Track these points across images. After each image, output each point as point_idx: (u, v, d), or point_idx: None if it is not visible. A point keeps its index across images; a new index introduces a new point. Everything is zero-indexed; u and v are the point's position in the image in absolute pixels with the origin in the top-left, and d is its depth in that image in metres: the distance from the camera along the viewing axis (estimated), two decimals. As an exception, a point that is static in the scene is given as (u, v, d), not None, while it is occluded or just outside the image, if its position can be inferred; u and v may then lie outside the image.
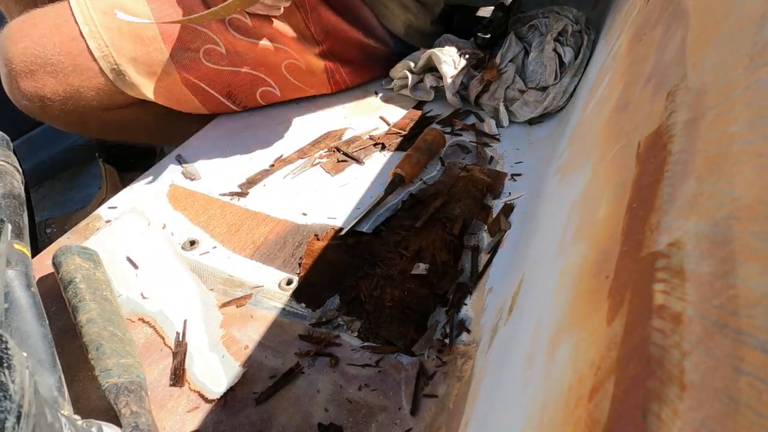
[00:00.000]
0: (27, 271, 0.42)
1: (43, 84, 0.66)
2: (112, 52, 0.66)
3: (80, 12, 0.66)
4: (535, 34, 0.79)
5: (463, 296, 0.52)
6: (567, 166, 0.47)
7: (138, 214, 0.62)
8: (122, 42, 0.66)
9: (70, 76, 0.67)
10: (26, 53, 0.65)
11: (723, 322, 0.13)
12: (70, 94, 0.68)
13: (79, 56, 0.66)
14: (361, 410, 0.43)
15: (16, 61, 0.65)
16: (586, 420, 0.18)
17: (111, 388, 0.38)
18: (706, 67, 0.23)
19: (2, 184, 0.47)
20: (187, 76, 0.71)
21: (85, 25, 0.65)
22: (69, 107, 0.69)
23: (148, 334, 0.48)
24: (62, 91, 0.67)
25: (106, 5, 0.66)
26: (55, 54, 0.65)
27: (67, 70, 0.66)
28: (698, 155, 0.19)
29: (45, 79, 0.66)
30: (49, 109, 0.68)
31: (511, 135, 0.75)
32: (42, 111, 0.69)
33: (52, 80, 0.66)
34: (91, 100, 0.69)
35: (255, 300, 0.52)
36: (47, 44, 0.65)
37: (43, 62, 0.65)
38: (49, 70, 0.66)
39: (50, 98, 0.67)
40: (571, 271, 0.28)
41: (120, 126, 0.76)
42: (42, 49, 0.65)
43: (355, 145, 0.74)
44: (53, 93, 0.67)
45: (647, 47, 0.36)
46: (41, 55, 0.65)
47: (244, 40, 0.71)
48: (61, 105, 0.68)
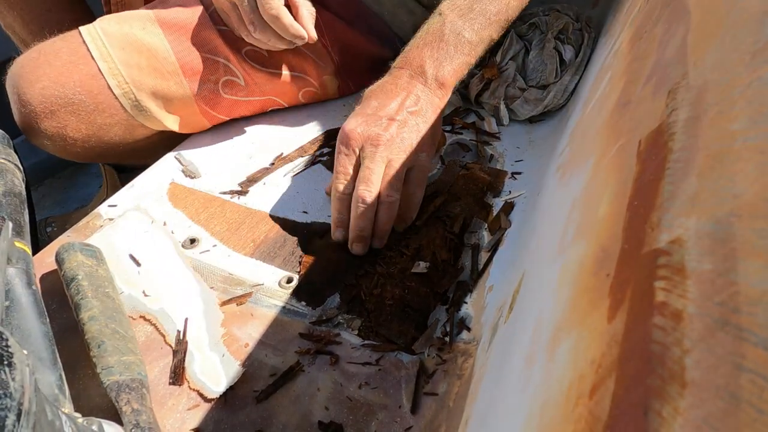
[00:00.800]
0: (28, 269, 0.42)
1: (66, 124, 0.64)
2: (132, 88, 0.65)
3: (96, 48, 0.64)
4: (535, 32, 0.79)
5: (463, 294, 0.52)
6: (567, 165, 0.47)
7: (141, 212, 0.62)
8: (142, 77, 0.65)
9: (93, 114, 0.65)
10: (45, 94, 0.63)
11: (724, 319, 0.13)
12: (94, 131, 0.66)
13: (100, 94, 0.64)
14: (362, 408, 0.43)
15: (35, 103, 0.63)
16: (587, 418, 0.18)
17: (112, 385, 0.38)
18: (707, 64, 0.23)
19: (3, 182, 0.47)
20: (205, 108, 0.70)
21: (103, 62, 0.64)
22: (92, 143, 0.67)
23: (149, 332, 0.49)
24: (85, 129, 0.66)
25: (122, 40, 0.65)
26: (76, 93, 0.63)
27: (89, 108, 0.65)
28: (699, 153, 0.19)
29: (67, 119, 0.64)
30: (71, 147, 0.67)
31: (511, 133, 0.75)
32: (63, 149, 0.68)
33: (75, 119, 0.65)
34: (114, 135, 0.68)
35: (255, 298, 0.52)
36: (66, 83, 0.63)
37: (64, 102, 0.63)
38: (71, 110, 0.64)
39: (73, 137, 0.66)
40: (571, 269, 0.28)
41: (136, 152, 0.75)
42: (62, 88, 0.63)
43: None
44: (76, 132, 0.65)
45: (648, 45, 0.36)
46: (61, 95, 0.63)
47: (263, 71, 0.71)
48: (84, 143, 0.67)
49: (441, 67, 0.55)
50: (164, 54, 0.66)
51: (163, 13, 0.67)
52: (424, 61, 0.56)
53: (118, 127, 0.67)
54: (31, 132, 0.65)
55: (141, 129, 0.70)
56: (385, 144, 0.53)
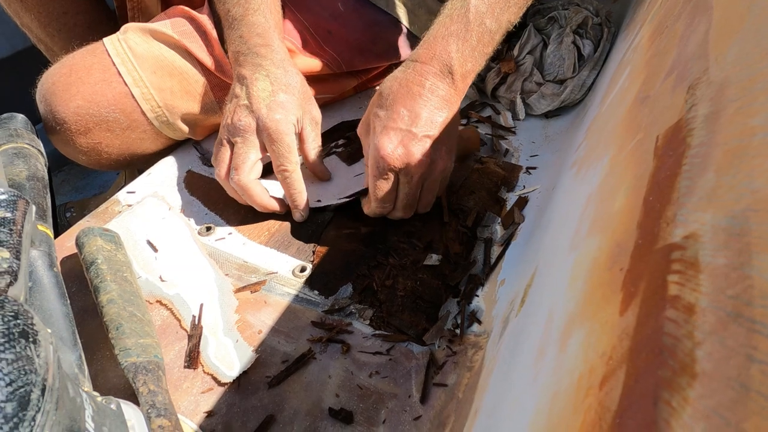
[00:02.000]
0: (50, 251, 0.43)
1: (100, 140, 0.65)
2: (165, 112, 0.66)
3: (128, 72, 0.64)
4: (554, 26, 0.78)
5: (475, 288, 0.52)
6: (584, 160, 0.47)
7: (159, 199, 0.63)
8: (174, 101, 0.66)
9: (126, 131, 0.66)
10: (80, 113, 0.63)
11: (737, 311, 0.13)
12: (127, 145, 0.67)
13: (133, 113, 0.65)
14: (372, 397, 0.43)
15: (70, 122, 0.63)
16: (597, 408, 0.18)
17: (130, 366, 0.39)
18: (729, 60, 0.23)
19: (27, 167, 0.48)
20: None
21: (136, 87, 0.64)
22: (125, 156, 0.69)
23: (165, 317, 0.50)
24: (119, 144, 0.67)
25: (154, 64, 0.65)
26: (110, 111, 0.64)
27: (123, 126, 0.65)
28: (718, 148, 0.19)
29: (102, 136, 0.65)
30: (105, 160, 0.68)
31: (527, 128, 0.75)
32: (97, 162, 0.69)
33: (109, 135, 0.65)
34: (146, 148, 0.70)
35: (269, 286, 0.53)
36: (101, 102, 0.63)
37: (99, 120, 0.64)
38: (105, 128, 0.65)
39: (107, 152, 0.67)
40: (585, 264, 0.28)
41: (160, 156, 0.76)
42: (96, 107, 0.63)
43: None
44: (110, 147, 0.66)
45: (669, 40, 0.36)
46: (96, 114, 0.64)
47: None
48: (118, 156, 0.68)
49: (466, 63, 0.53)
50: (195, 77, 0.66)
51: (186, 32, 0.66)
52: (450, 56, 0.52)
53: (149, 141, 0.69)
54: (67, 148, 0.66)
55: (170, 140, 0.71)
56: (421, 166, 0.53)
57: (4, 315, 0.26)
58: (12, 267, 0.33)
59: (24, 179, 0.48)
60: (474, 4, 0.52)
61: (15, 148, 0.51)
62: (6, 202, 0.37)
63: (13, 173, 0.48)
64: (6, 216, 0.36)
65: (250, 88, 0.56)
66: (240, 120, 0.56)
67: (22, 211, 0.38)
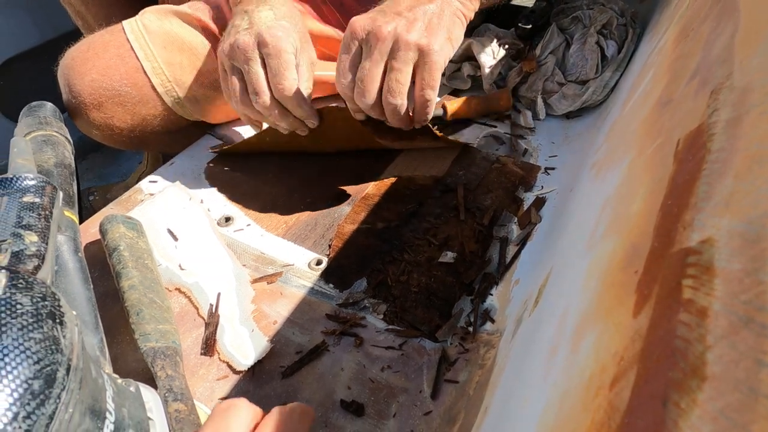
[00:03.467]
0: (75, 237, 0.44)
1: (112, 114, 0.67)
2: (174, 86, 0.68)
3: (140, 48, 0.66)
4: (578, 26, 0.78)
5: (489, 286, 0.52)
6: (603, 162, 0.46)
7: (180, 189, 0.64)
8: (184, 75, 0.68)
9: (137, 105, 0.68)
10: (94, 86, 0.65)
11: (749, 317, 0.13)
12: (138, 122, 0.69)
13: (144, 87, 0.67)
14: (383, 390, 0.44)
15: (85, 95, 0.66)
16: (606, 408, 0.18)
17: (149, 351, 0.40)
18: (753, 65, 0.23)
19: (55, 154, 0.49)
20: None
21: (147, 61, 0.66)
22: (136, 133, 0.71)
23: (184, 304, 0.51)
24: (130, 120, 0.69)
25: (164, 39, 0.67)
26: (122, 85, 0.66)
27: (134, 100, 0.67)
28: (738, 154, 0.19)
29: (114, 110, 0.67)
30: (117, 136, 0.70)
31: (547, 128, 0.75)
32: (110, 138, 0.71)
33: (121, 110, 0.67)
34: (157, 126, 0.71)
35: (285, 278, 0.54)
36: (114, 76, 0.66)
37: (112, 94, 0.66)
38: (117, 101, 0.67)
39: (119, 127, 0.69)
40: (600, 265, 0.28)
41: (176, 141, 0.78)
42: (109, 81, 0.66)
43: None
44: (122, 122, 0.68)
45: (694, 43, 0.35)
46: (109, 87, 0.66)
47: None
48: (129, 132, 0.70)
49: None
50: (205, 52, 0.68)
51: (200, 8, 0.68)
52: None
53: (160, 118, 0.70)
54: (81, 121, 0.68)
55: (182, 120, 0.72)
56: (384, 39, 0.50)
57: (33, 296, 0.27)
58: (40, 250, 0.34)
59: (52, 166, 0.49)
60: None
61: (44, 135, 0.53)
62: (35, 187, 0.39)
63: (42, 160, 0.49)
64: (35, 201, 0.38)
65: (252, 16, 0.56)
66: (238, 40, 0.54)
67: (50, 196, 0.39)
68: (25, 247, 0.34)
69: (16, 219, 0.36)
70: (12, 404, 0.23)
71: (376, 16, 0.51)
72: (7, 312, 0.25)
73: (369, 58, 0.51)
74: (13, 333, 0.25)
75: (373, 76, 0.52)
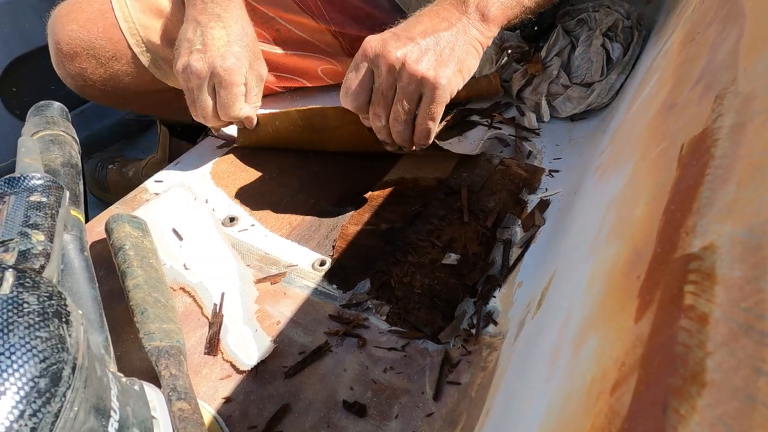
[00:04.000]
0: (81, 236, 0.45)
1: (86, 66, 0.71)
2: (149, 48, 0.70)
3: (119, 8, 0.69)
4: (583, 28, 0.78)
5: (492, 288, 0.52)
6: (607, 165, 0.46)
7: (185, 189, 0.65)
8: (158, 41, 0.70)
9: (111, 61, 0.71)
10: (72, 36, 0.69)
11: (749, 324, 0.13)
12: (110, 76, 0.72)
13: (119, 43, 0.70)
14: (385, 391, 0.44)
15: (63, 43, 0.70)
16: (607, 413, 0.18)
17: (153, 350, 0.41)
18: (758, 71, 0.23)
19: (62, 153, 0.50)
20: None
21: (124, 22, 0.69)
22: (109, 88, 0.74)
23: (188, 304, 0.51)
24: (103, 73, 0.72)
25: (144, 5, 0.70)
26: (98, 39, 0.70)
27: (108, 55, 0.71)
28: (741, 160, 0.19)
29: (87, 62, 0.71)
30: (90, 88, 0.73)
31: (551, 130, 0.74)
32: (83, 89, 0.74)
33: (94, 63, 0.71)
34: (129, 83, 0.74)
35: (289, 278, 0.54)
36: (92, 29, 0.69)
37: (87, 46, 0.70)
38: (91, 54, 0.70)
39: (92, 79, 0.72)
40: (603, 270, 0.28)
41: (157, 106, 0.82)
42: (86, 33, 0.69)
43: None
44: (94, 74, 0.72)
45: (699, 47, 0.35)
46: (85, 39, 0.69)
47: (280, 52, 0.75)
48: (102, 86, 0.73)
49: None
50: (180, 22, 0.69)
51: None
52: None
53: (132, 76, 0.73)
54: (59, 70, 0.73)
55: (156, 83, 0.75)
56: (392, 65, 0.51)
57: (39, 295, 0.27)
58: (46, 249, 0.35)
59: (59, 165, 0.49)
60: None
61: (51, 134, 0.53)
62: (42, 187, 0.39)
63: (49, 159, 0.50)
64: (42, 200, 0.38)
65: (206, 35, 0.59)
66: (191, 65, 0.59)
67: (56, 196, 0.40)
68: (32, 246, 0.34)
69: (23, 218, 0.36)
70: (18, 402, 0.23)
71: (389, 39, 0.52)
72: (13, 311, 0.26)
73: (384, 87, 0.53)
74: (20, 331, 0.25)
75: (387, 103, 0.54)
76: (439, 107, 0.53)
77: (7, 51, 1.03)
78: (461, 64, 0.53)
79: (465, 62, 0.53)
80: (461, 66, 0.53)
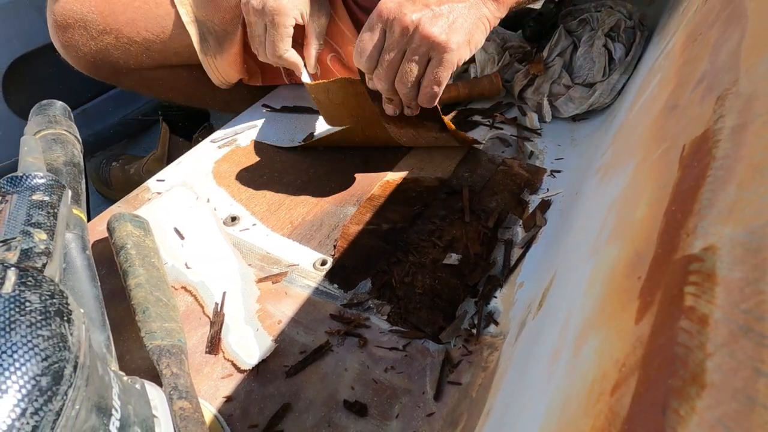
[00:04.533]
0: (83, 235, 0.45)
1: (78, 38, 0.73)
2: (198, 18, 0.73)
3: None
4: (585, 28, 0.77)
5: (493, 289, 0.52)
6: (609, 165, 0.46)
7: (187, 188, 0.65)
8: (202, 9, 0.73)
9: (101, 34, 0.73)
10: (65, 8, 0.72)
11: (748, 326, 0.13)
12: (100, 49, 0.74)
13: (109, 17, 0.72)
14: (386, 391, 0.44)
15: (57, 14, 0.72)
16: (607, 413, 0.18)
17: (154, 349, 0.41)
18: (760, 72, 0.23)
19: (64, 153, 0.50)
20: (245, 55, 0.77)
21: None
22: (99, 61, 0.76)
23: (189, 303, 0.51)
24: (93, 46, 0.74)
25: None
26: (90, 12, 0.72)
27: (99, 28, 0.73)
28: (742, 162, 0.19)
29: (79, 34, 0.73)
30: (83, 60, 0.76)
31: (553, 130, 0.74)
32: (77, 62, 0.76)
33: (86, 35, 0.73)
34: (119, 58, 0.76)
35: (290, 278, 0.54)
36: (85, 2, 0.71)
37: (79, 18, 0.72)
38: (83, 26, 0.72)
39: (83, 51, 0.74)
40: (603, 270, 0.28)
41: (151, 85, 0.83)
42: (79, 6, 0.71)
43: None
44: (85, 47, 0.74)
45: (701, 48, 0.35)
46: (78, 12, 0.72)
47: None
48: (92, 58, 0.75)
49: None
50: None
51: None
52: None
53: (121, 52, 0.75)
54: (54, 41, 0.75)
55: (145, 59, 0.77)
56: (406, 27, 0.52)
57: (41, 294, 0.27)
58: (48, 248, 0.35)
59: (61, 164, 0.50)
60: None
61: (53, 134, 0.53)
62: (45, 186, 0.39)
63: (51, 158, 0.50)
64: (44, 199, 0.38)
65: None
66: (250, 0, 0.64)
67: (59, 195, 0.40)
68: (34, 245, 0.34)
69: (26, 217, 0.36)
70: (20, 400, 0.23)
71: (405, 2, 0.53)
72: (16, 309, 0.26)
73: (390, 48, 0.53)
74: (22, 330, 0.25)
75: (393, 65, 0.54)
76: (446, 72, 0.54)
77: (10, 50, 1.03)
78: (471, 35, 0.54)
79: (474, 35, 0.54)
80: (471, 37, 0.54)
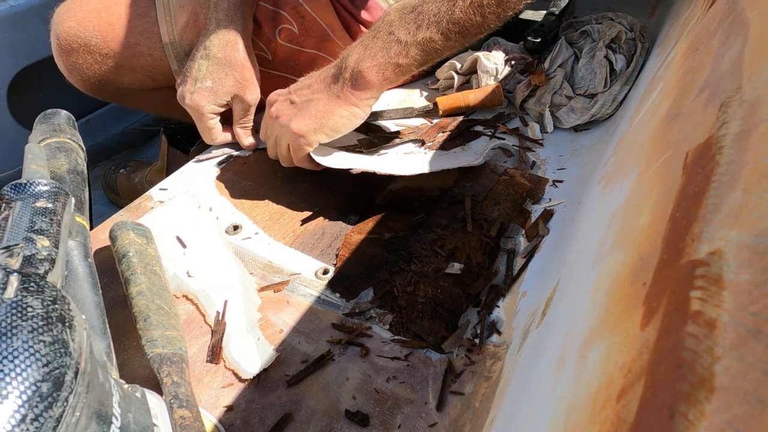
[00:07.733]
0: (85, 242, 0.45)
1: (82, 62, 0.75)
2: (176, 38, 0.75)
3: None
4: (586, 40, 0.78)
5: (496, 298, 0.52)
6: (611, 175, 0.46)
7: (189, 197, 0.65)
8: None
9: (105, 58, 0.75)
10: (69, 33, 0.73)
11: (757, 328, 0.13)
12: (104, 72, 0.76)
13: (112, 41, 0.74)
14: (388, 401, 0.43)
15: (61, 39, 0.73)
16: (613, 420, 0.18)
17: (155, 357, 0.40)
18: (763, 79, 0.23)
19: (68, 161, 0.50)
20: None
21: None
22: (103, 84, 0.77)
23: (191, 311, 0.51)
24: (98, 70, 0.75)
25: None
26: (94, 36, 0.73)
27: (102, 52, 0.74)
28: (747, 167, 0.19)
29: (83, 58, 0.74)
30: (87, 83, 0.77)
31: (555, 141, 0.75)
32: (81, 84, 0.78)
33: (90, 59, 0.74)
34: (122, 81, 0.77)
35: (292, 286, 0.54)
36: (88, 26, 0.73)
37: (83, 42, 0.73)
38: (87, 50, 0.74)
39: (88, 74, 0.76)
40: (608, 278, 0.28)
41: (153, 104, 0.85)
42: (83, 30, 0.73)
43: (395, 142, 0.75)
44: (90, 70, 0.75)
45: (703, 57, 0.35)
46: (82, 36, 0.73)
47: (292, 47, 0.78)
48: (97, 81, 0.77)
49: (361, 62, 0.57)
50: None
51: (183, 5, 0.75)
52: (349, 55, 0.58)
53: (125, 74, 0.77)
54: (59, 65, 0.76)
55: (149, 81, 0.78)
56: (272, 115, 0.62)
57: (43, 299, 0.27)
58: (51, 255, 0.35)
59: (65, 172, 0.50)
60: (389, 20, 0.57)
61: (57, 142, 0.53)
62: (48, 193, 0.39)
63: (55, 166, 0.50)
64: (48, 206, 0.38)
65: (192, 65, 0.67)
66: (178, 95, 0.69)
67: (62, 202, 0.40)
68: (37, 252, 0.34)
69: (29, 223, 0.36)
70: (20, 406, 0.23)
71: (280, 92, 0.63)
72: (17, 314, 0.26)
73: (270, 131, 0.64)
74: (23, 335, 0.25)
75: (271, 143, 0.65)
76: (302, 152, 0.62)
77: (16, 61, 1.04)
78: (320, 122, 0.60)
79: (327, 122, 0.60)
80: (320, 124, 0.60)
